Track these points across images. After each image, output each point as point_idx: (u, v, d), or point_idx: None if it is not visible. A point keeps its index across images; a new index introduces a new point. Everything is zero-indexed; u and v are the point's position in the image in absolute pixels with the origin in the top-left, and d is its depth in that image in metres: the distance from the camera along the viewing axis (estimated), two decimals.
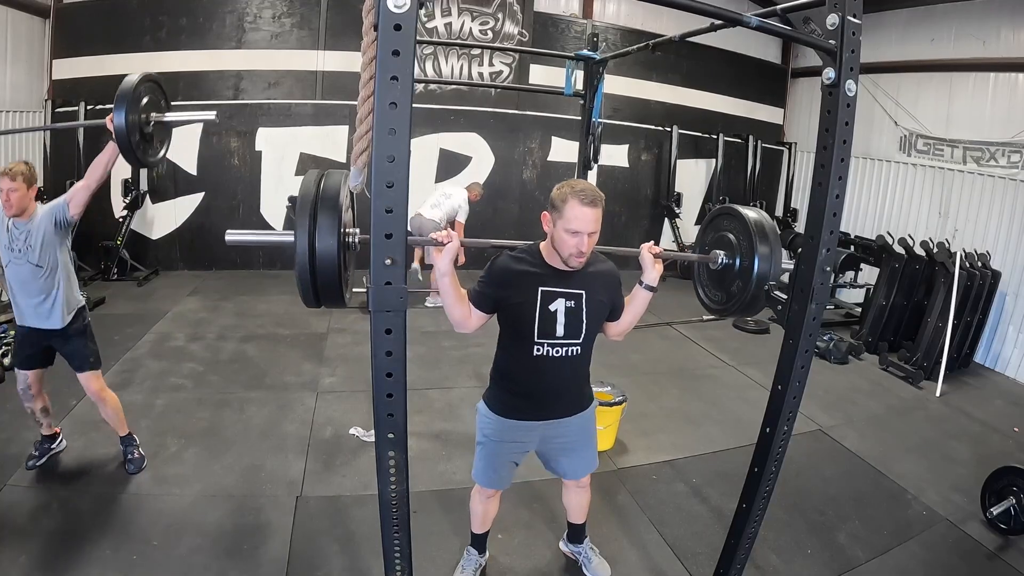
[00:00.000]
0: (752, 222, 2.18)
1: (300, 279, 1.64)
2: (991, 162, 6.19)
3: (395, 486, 1.67)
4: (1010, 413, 4.88)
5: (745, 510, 2.26)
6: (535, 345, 2.07)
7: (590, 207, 1.91)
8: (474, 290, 2.08)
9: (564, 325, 2.08)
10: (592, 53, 3.57)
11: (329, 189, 1.68)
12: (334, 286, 1.66)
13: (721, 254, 2.28)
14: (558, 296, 2.06)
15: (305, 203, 1.63)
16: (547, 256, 2.07)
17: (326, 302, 1.71)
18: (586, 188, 1.94)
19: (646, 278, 2.18)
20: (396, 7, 1.31)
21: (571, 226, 1.92)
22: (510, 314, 2.09)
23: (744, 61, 8.74)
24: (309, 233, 1.61)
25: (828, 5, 1.76)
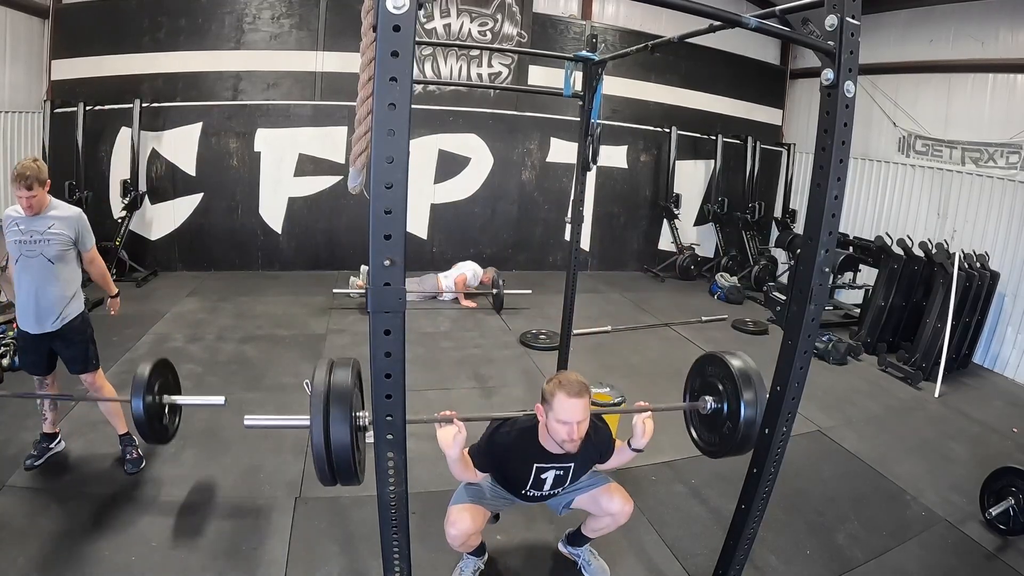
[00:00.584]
0: (736, 370, 2.33)
1: (317, 462, 1.77)
2: (989, 163, 6.20)
3: (394, 487, 1.67)
4: (1009, 414, 4.89)
5: (744, 511, 2.26)
6: (524, 491, 2.40)
7: (576, 398, 2.09)
8: (476, 455, 2.33)
9: (552, 484, 2.38)
10: (591, 54, 3.57)
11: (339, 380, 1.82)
12: (349, 469, 1.80)
13: (709, 400, 2.41)
14: (550, 468, 2.33)
15: (318, 395, 1.78)
16: (543, 440, 2.27)
17: (342, 482, 1.84)
18: (573, 381, 2.13)
19: (635, 443, 2.38)
20: (395, 8, 1.31)
21: (561, 417, 2.10)
22: (505, 476, 2.42)
23: (743, 62, 8.75)
24: (323, 422, 1.74)
25: (827, 6, 1.76)
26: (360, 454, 1.87)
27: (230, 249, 7.33)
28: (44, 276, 2.83)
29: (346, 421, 1.74)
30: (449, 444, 2.09)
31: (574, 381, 2.13)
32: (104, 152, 6.77)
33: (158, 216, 7.08)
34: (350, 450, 1.75)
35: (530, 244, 8.34)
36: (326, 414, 1.74)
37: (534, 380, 4.65)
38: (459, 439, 2.09)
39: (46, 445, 3.15)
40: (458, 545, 2.40)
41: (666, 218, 8.68)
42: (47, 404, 3.09)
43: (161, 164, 6.95)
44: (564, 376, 2.18)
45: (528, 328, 5.77)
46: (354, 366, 1.92)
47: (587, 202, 6.85)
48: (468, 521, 2.34)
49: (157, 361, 2.88)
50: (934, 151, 6.84)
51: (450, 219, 7.90)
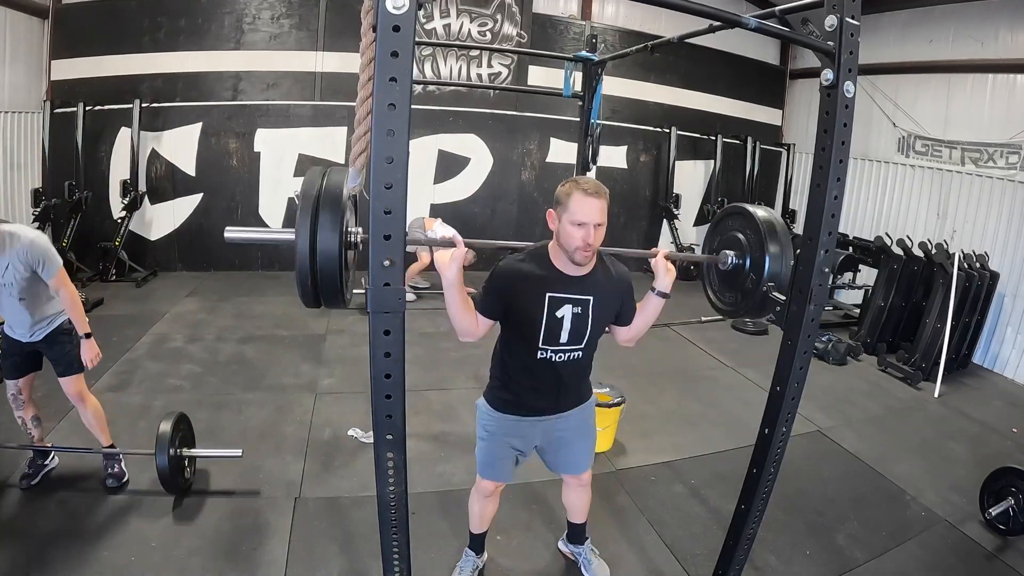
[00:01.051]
0: (762, 220, 2.17)
1: (300, 278, 1.60)
2: (989, 163, 6.20)
3: (394, 487, 1.67)
4: (1009, 414, 4.89)
5: (744, 511, 2.26)
6: (539, 350, 2.07)
7: (594, 197, 1.90)
8: (479, 296, 2.04)
9: (569, 331, 2.06)
10: (591, 54, 3.57)
11: (332, 186, 1.63)
12: (334, 286, 1.62)
13: (731, 254, 2.27)
14: (565, 302, 2.03)
15: (307, 200, 1.58)
16: (555, 259, 2.03)
17: (326, 302, 1.67)
18: (591, 180, 1.95)
19: (659, 284, 2.13)
20: (395, 8, 1.31)
21: (576, 218, 1.90)
22: (515, 318, 2.06)
23: (742, 62, 8.75)
24: (310, 231, 1.56)
25: (826, 6, 1.76)
26: (348, 273, 1.71)
27: (229, 249, 7.31)
28: (19, 308, 2.75)
29: (336, 231, 1.58)
30: (446, 263, 1.83)
31: (592, 181, 1.95)
32: (104, 152, 6.77)
33: (158, 216, 7.08)
34: (337, 263, 1.59)
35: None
36: (314, 220, 1.57)
37: None
38: (457, 255, 1.84)
39: (40, 462, 3.06)
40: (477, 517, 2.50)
41: (666, 218, 8.68)
42: (29, 422, 2.99)
43: (161, 164, 6.94)
44: (580, 177, 1.99)
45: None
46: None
47: None
48: (492, 504, 2.47)
49: (176, 417, 2.98)
50: (934, 151, 6.84)
51: (450, 219, 7.83)
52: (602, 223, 1.93)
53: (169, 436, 2.83)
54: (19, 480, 2.99)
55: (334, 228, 1.58)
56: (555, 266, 2.02)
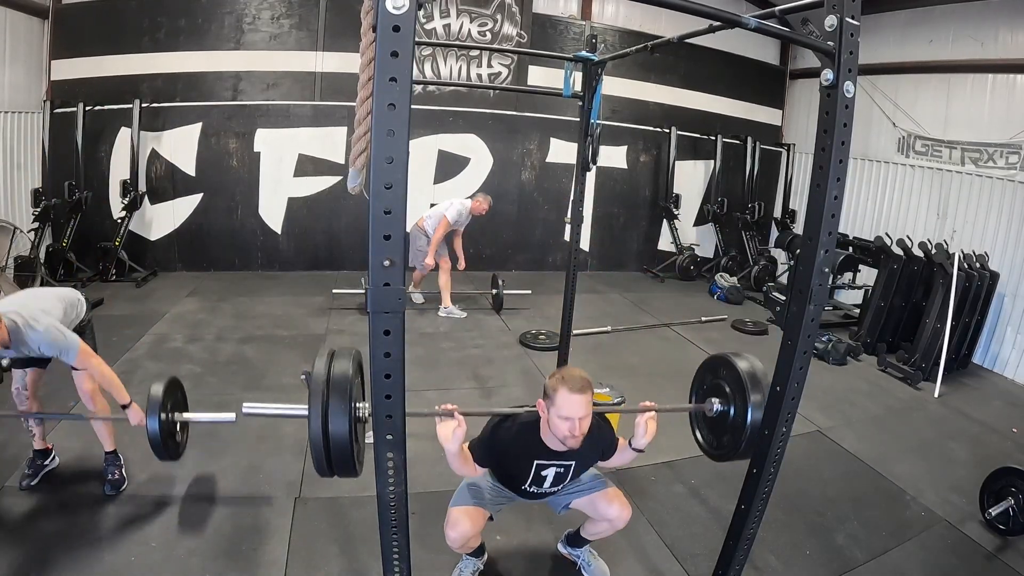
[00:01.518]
0: (744, 373, 2.28)
1: (315, 454, 1.76)
2: (989, 163, 6.20)
3: (394, 487, 1.67)
4: (1009, 414, 4.89)
5: (744, 511, 2.26)
6: (524, 486, 2.38)
7: (579, 394, 2.07)
8: (476, 449, 2.29)
9: (552, 481, 2.37)
10: (591, 54, 3.57)
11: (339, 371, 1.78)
12: (347, 460, 1.78)
13: (716, 402, 2.37)
14: (550, 466, 2.31)
15: (317, 386, 1.74)
16: (545, 437, 2.24)
17: (339, 473, 1.82)
18: (575, 376, 2.11)
19: (636, 443, 2.33)
20: (395, 8, 1.31)
21: (563, 413, 2.08)
22: (504, 472, 2.41)
23: (742, 62, 8.75)
24: (322, 414, 1.71)
25: (826, 7, 1.76)
26: (359, 446, 1.85)
27: (230, 249, 7.33)
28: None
29: (345, 412, 1.72)
30: (448, 438, 2.08)
31: (577, 377, 2.11)
32: (104, 152, 6.77)
33: (158, 216, 7.08)
34: (348, 441, 1.73)
35: (530, 244, 8.34)
36: (325, 404, 1.71)
37: (534, 380, 4.65)
38: (459, 433, 2.08)
39: (40, 463, 3.05)
40: (458, 547, 2.40)
41: (666, 218, 8.68)
42: (32, 421, 2.98)
43: (161, 164, 6.94)
44: (567, 371, 2.16)
45: (528, 328, 5.76)
46: (355, 356, 1.88)
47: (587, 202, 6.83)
48: (468, 524, 2.34)
49: (169, 381, 2.84)
50: (934, 151, 6.84)
51: None
52: (587, 415, 2.11)
53: (160, 399, 2.70)
54: (19, 481, 2.98)
55: (342, 411, 1.72)
56: (544, 443, 2.25)
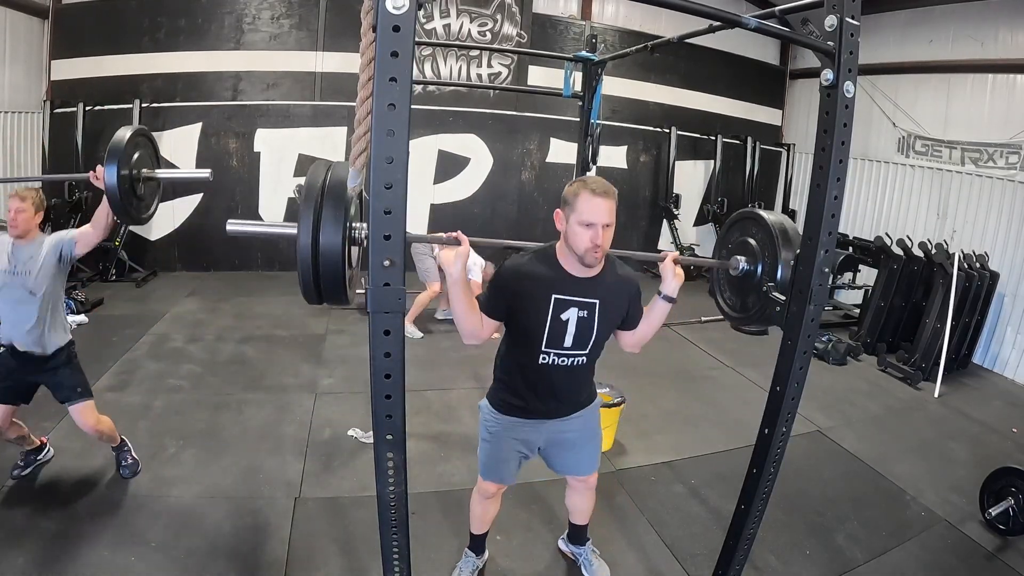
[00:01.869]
0: (773, 224, 2.13)
1: (302, 273, 1.57)
2: (989, 163, 6.21)
3: (393, 487, 1.67)
4: (1008, 414, 4.89)
5: (744, 511, 2.26)
6: (541, 353, 2.06)
7: (602, 197, 1.86)
8: (484, 296, 2.03)
9: (574, 336, 2.04)
10: (591, 54, 3.58)
11: (336, 181, 1.60)
12: (337, 282, 1.59)
13: (742, 259, 2.24)
14: (571, 305, 2.01)
15: (311, 194, 1.56)
16: (562, 259, 2.00)
17: (328, 299, 1.64)
18: (599, 180, 1.92)
19: (665, 288, 2.09)
20: (395, 8, 1.31)
21: (584, 218, 1.87)
22: (519, 319, 2.04)
23: (742, 62, 8.75)
24: (313, 226, 1.53)
25: (826, 7, 1.76)
26: (351, 270, 1.69)
27: (230, 249, 7.32)
28: (25, 307, 2.72)
29: (339, 225, 1.55)
30: (451, 260, 1.85)
31: (599, 180, 1.92)
32: (104, 152, 6.72)
33: (157, 216, 6.99)
34: (340, 259, 1.56)
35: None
36: (317, 216, 1.54)
37: None
38: (462, 252, 1.85)
39: (34, 456, 3.08)
40: (478, 518, 2.50)
41: (666, 218, 8.68)
42: (15, 440, 2.94)
43: (161, 164, 6.92)
44: (589, 176, 1.99)
45: None
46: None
47: None
48: (494, 506, 2.45)
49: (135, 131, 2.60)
50: (934, 151, 6.84)
51: (450, 219, 7.88)
52: (610, 223, 1.90)
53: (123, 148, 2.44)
54: (11, 471, 3.01)
55: (337, 223, 1.54)
56: (562, 267, 2.00)
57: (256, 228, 1.80)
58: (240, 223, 1.72)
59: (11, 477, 2.99)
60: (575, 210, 1.89)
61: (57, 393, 2.88)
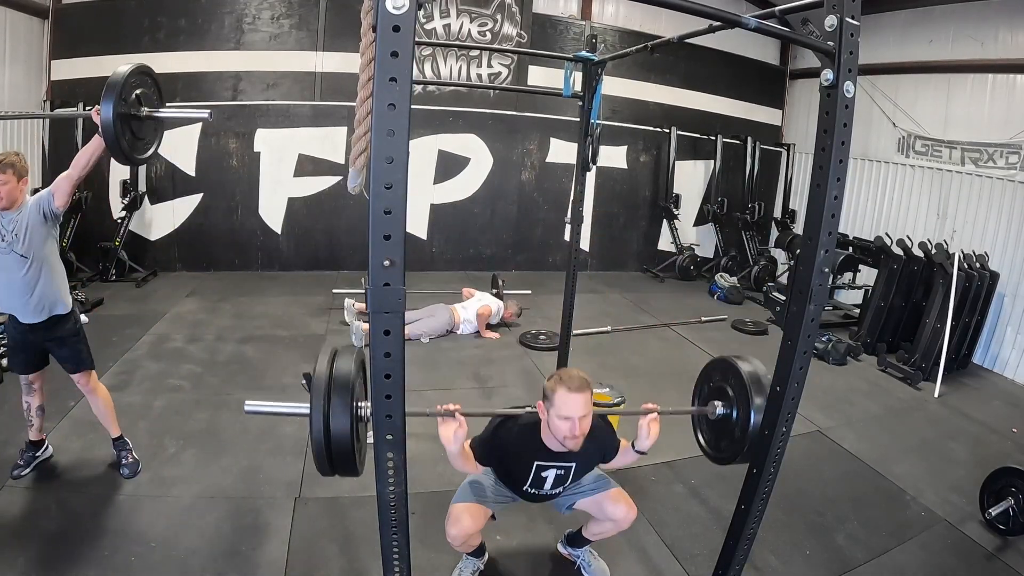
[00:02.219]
0: (747, 375, 2.25)
1: (316, 451, 1.74)
2: (989, 163, 6.20)
3: (394, 487, 1.67)
4: (1008, 414, 4.89)
5: (744, 511, 2.25)
6: (524, 488, 2.39)
7: (578, 393, 2.07)
8: (477, 448, 2.30)
9: (552, 483, 2.37)
10: (591, 54, 3.57)
11: (342, 368, 1.78)
12: (348, 459, 1.76)
13: (719, 405, 2.34)
14: (550, 467, 2.31)
15: (319, 383, 1.74)
16: (545, 438, 2.24)
17: (340, 472, 1.81)
18: (574, 376, 2.11)
19: (639, 445, 2.32)
20: (395, 8, 1.30)
21: (561, 412, 2.08)
22: (504, 471, 2.42)
23: (742, 62, 8.75)
24: (323, 412, 1.70)
25: (826, 7, 1.76)
26: (360, 444, 1.84)
27: (230, 249, 7.33)
28: (20, 273, 2.76)
29: (346, 411, 1.72)
30: (450, 439, 2.09)
31: (575, 376, 2.12)
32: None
33: (157, 216, 7.07)
34: (350, 440, 1.72)
35: (530, 244, 8.34)
36: (326, 402, 1.71)
37: (534, 380, 4.65)
38: (460, 434, 2.09)
39: (32, 454, 3.08)
40: (458, 545, 2.40)
41: (666, 218, 8.69)
42: (35, 410, 3.04)
43: (160, 164, 6.93)
44: (565, 372, 2.18)
45: (528, 328, 5.76)
46: (357, 355, 1.88)
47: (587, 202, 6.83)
48: (469, 521, 2.34)
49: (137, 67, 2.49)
50: (934, 151, 6.84)
51: (450, 219, 7.91)
52: (587, 414, 2.10)
53: (121, 83, 2.35)
54: (11, 471, 3.01)
55: (344, 408, 1.71)
56: (544, 444, 2.26)
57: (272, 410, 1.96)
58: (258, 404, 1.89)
59: (11, 477, 2.99)
60: (554, 405, 2.10)
61: (66, 364, 3.00)
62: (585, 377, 2.13)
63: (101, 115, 2.34)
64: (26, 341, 2.91)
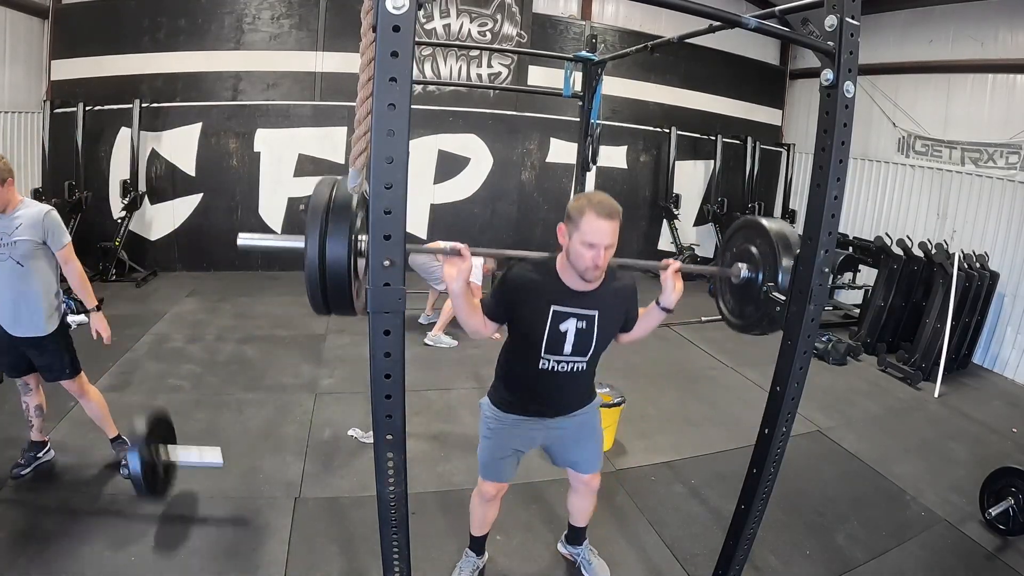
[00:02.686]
0: (774, 234, 2.11)
1: (309, 285, 1.61)
2: (989, 163, 6.21)
3: (393, 487, 1.67)
4: (1008, 414, 4.89)
5: (744, 511, 2.26)
6: (541, 359, 2.10)
7: (607, 219, 1.86)
8: (487, 300, 2.10)
9: (573, 344, 2.08)
10: (591, 54, 3.58)
11: (342, 195, 1.65)
12: (343, 293, 1.63)
13: (743, 267, 2.24)
14: (570, 316, 2.05)
15: (317, 209, 1.60)
16: (562, 272, 2.03)
17: (335, 310, 1.68)
18: (604, 200, 1.90)
19: (664, 300, 2.14)
20: (395, 8, 1.31)
21: (587, 238, 1.87)
22: (520, 327, 2.11)
23: (742, 62, 8.75)
24: (320, 239, 1.57)
25: (826, 6, 1.76)
26: (357, 281, 1.70)
27: (230, 249, 7.27)
28: (15, 280, 2.69)
29: (344, 239, 1.59)
30: (454, 276, 1.88)
31: (605, 201, 1.90)
32: (104, 152, 6.77)
33: (158, 216, 7.07)
34: (347, 272, 1.59)
35: (530, 244, 8.30)
36: (323, 231, 1.58)
37: None
38: (464, 268, 1.88)
39: (34, 454, 3.07)
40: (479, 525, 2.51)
41: (666, 218, 8.68)
42: (32, 410, 3.02)
43: (161, 164, 6.94)
44: (595, 195, 1.94)
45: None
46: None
47: None
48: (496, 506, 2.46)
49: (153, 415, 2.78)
50: (934, 151, 6.84)
51: (450, 219, 7.90)
52: (613, 244, 1.91)
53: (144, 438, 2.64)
54: (11, 470, 3.00)
55: (342, 236, 1.58)
56: (561, 280, 2.03)
57: (266, 242, 1.84)
58: (250, 237, 1.75)
59: (11, 477, 2.99)
60: (579, 229, 1.88)
61: (47, 374, 2.91)
62: (616, 205, 1.90)
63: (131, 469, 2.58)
64: (11, 344, 2.81)
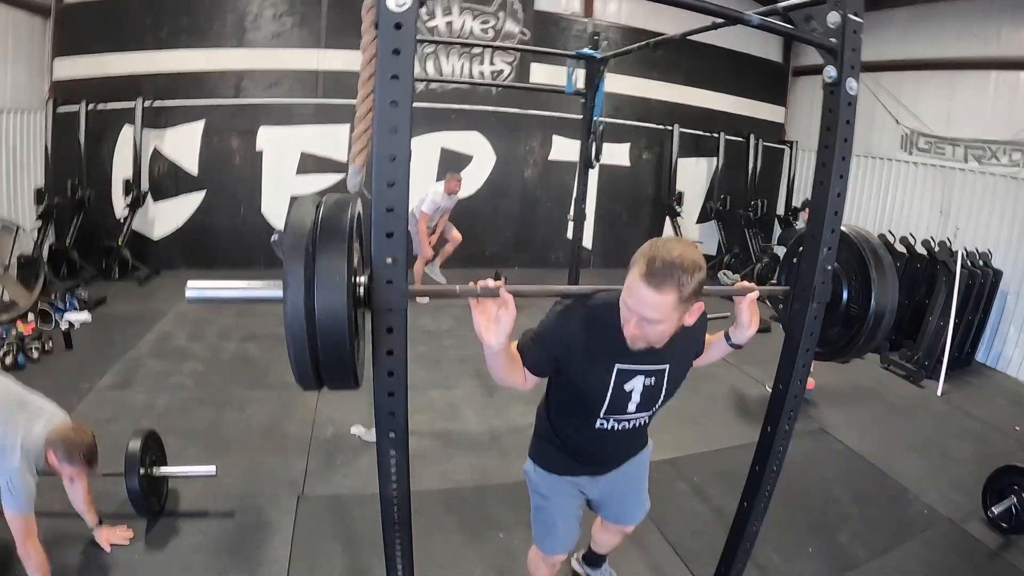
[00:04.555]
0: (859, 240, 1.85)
1: (294, 349, 1.19)
2: (992, 161, 6.18)
3: (396, 485, 1.67)
4: (1011, 412, 4.88)
5: (746, 509, 2.26)
6: (599, 419, 1.76)
7: (655, 291, 1.41)
8: (530, 347, 1.69)
9: (639, 403, 1.74)
10: (593, 52, 3.57)
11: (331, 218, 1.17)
12: (343, 361, 1.18)
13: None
14: (637, 374, 1.68)
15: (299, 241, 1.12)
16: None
17: (331, 382, 1.26)
18: (665, 262, 1.40)
19: (737, 336, 1.82)
20: (396, 6, 1.30)
21: (627, 299, 1.49)
22: (572, 387, 1.73)
23: (745, 59, 8.72)
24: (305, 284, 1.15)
25: (829, 3, 1.76)
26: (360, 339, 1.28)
27: (232, 248, 7.33)
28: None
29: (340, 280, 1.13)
30: (488, 328, 1.45)
31: (666, 263, 1.40)
32: (106, 151, 6.76)
33: (160, 215, 7.08)
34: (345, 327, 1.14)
35: (532, 242, 8.33)
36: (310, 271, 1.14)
37: None
38: (505, 321, 1.47)
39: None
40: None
41: (668, 216, 8.66)
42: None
43: (163, 163, 6.94)
44: (665, 244, 1.45)
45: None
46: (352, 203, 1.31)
47: (589, 200, 6.84)
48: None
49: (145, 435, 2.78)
50: (937, 149, 6.82)
51: (452, 217, 7.88)
52: (661, 321, 1.47)
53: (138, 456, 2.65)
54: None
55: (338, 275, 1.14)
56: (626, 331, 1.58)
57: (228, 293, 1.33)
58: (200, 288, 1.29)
59: None
60: (627, 285, 1.49)
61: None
62: (681, 269, 1.40)
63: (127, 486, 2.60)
64: None
